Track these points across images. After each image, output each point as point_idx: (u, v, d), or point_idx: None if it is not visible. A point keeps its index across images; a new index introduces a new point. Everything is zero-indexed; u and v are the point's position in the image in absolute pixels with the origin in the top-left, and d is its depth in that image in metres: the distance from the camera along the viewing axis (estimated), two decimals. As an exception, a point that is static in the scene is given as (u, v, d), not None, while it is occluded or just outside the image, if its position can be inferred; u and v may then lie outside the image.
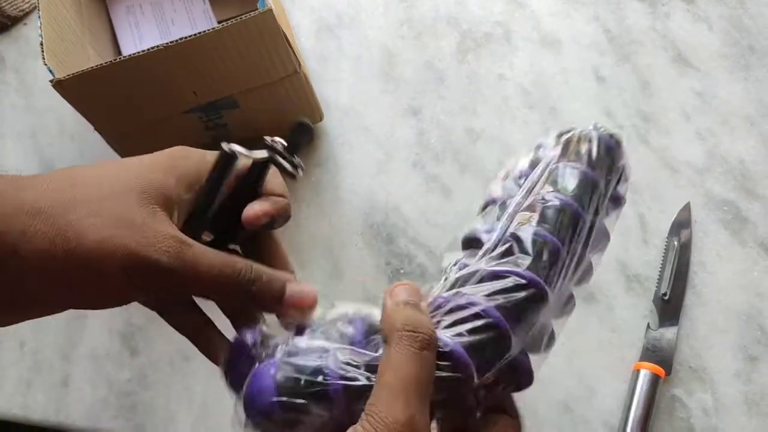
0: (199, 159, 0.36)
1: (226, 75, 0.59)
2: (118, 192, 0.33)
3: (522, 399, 0.56)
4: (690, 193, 0.62)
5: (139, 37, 0.74)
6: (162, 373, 0.62)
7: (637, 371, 0.55)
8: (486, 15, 0.74)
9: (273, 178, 0.38)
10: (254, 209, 0.36)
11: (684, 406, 0.55)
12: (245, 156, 0.35)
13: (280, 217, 0.37)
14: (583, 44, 0.71)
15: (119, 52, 0.73)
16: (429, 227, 0.64)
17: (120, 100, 0.59)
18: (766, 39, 0.68)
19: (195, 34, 0.53)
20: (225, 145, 0.35)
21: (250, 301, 0.35)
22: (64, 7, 0.63)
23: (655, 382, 0.54)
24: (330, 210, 0.66)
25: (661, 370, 0.55)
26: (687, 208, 0.61)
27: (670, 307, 0.58)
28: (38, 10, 0.58)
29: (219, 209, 0.37)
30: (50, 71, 0.54)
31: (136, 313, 0.64)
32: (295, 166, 0.37)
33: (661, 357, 0.56)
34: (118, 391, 0.62)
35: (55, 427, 0.62)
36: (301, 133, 0.37)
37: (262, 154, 0.36)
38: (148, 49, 0.53)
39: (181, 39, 0.53)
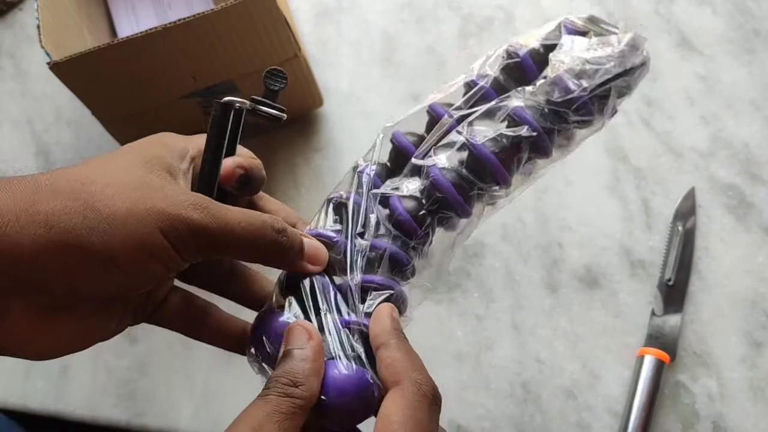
0: (181, 137, 0.37)
1: (224, 59, 0.58)
2: (125, 165, 0.33)
3: (525, 386, 0.56)
4: (694, 178, 0.61)
5: (135, 21, 0.73)
6: (162, 361, 0.62)
7: (642, 357, 0.55)
8: (487, -1, 0.73)
9: (240, 149, 0.38)
10: (226, 164, 0.36)
11: (688, 391, 0.55)
12: (238, 103, 0.37)
13: (255, 174, 0.37)
14: (585, 28, 0.70)
15: (116, 37, 0.72)
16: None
17: (118, 84, 0.58)
18: (771, 22, 0.68)
19: (193, 16, 0.53)
20: (218, 100, 0.36)
21: (277, 256, 0.35)
22: (60, -10, 0.62)
23: (659, 367, 0.54)
24: (330, 196, 0.65)
25: (665, 356, 0.54)
26: (691, 193, 0.61)
27: (674, 293, 0.57)
28: (34, -7, 0.57)
29: (201, 182, 0.37)
30: (47, 54, 0.53)
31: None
32: (279, 110, 0.38)
33: (665, 343, 0.55)
34: (117, 379, 0.61)
35: (54, 415, 0.61)
36: (275, 78, 0.38)
37: (247, 102, 0.37)
38: (146, 31, 0.53)
39: (179, 20, 0.52)
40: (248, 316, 0.39)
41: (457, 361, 0.58)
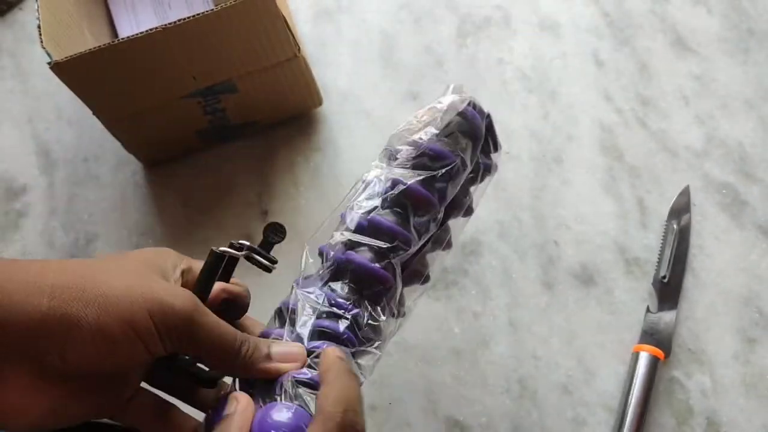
0: (175, 253, 0.40)
1: (224, 58, 0.59)
2: (125, 262, 0.37)
3: (522, 382, 0.57)
4: (689, 177, 0.62)
5: (135, 22, 0.73)
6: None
7: (637, 353, 0.55)
8: (485, -1, 0.74)
9: (234, 280, 0.42)
10: (214, 287, 0.40)
11: (683, 387, 0.55)
12: (231, 253, 0.40)
13: (238, 301, 0.42)
14: (582, 28, 0.71)
15: (116, 37, 0.72)
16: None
17: (118, 84, 0.58)
18: (766, 22, 0.68)
19: (193, 16, 0.53)
20: (214, 248, 0.40)
21: (241, 363, 0.37)
22: (60, -10, 0.63)
23: (654, 364, 0.55)
24: (329, 194, 0.66)
25: (660, 353, 0.55)
26: (686, 191, 0.61)
27: (669, 290, 0.58)
28: (35, -7, 0.58)
29: None
30: (48, 54, 0.54)
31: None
32: (271, 261, 0.41)
33: (660, 339, 0.56)
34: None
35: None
36: (274, 232, 0.42)
37: (241, 253, 0.41)
38: (146, 31, 0.53)
39: (179, 20, 0.53)
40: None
41: (455, 358, 0.58)
